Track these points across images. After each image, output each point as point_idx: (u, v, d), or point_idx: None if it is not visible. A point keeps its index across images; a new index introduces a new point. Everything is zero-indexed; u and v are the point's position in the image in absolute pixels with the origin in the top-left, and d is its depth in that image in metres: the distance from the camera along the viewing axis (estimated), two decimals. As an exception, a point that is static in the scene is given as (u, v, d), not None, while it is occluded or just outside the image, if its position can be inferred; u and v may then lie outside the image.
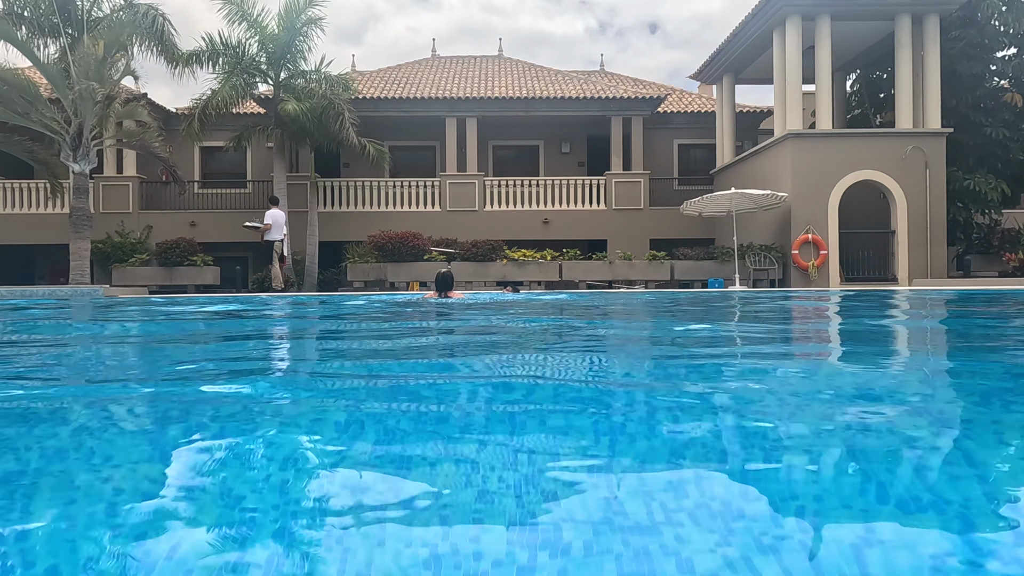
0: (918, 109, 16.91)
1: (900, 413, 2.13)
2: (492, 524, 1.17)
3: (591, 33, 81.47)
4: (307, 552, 1.06)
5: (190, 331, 6.09)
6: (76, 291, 14.15)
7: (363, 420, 2.06)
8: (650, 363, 3.56)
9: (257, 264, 21.67)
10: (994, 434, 1.86)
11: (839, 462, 1.57)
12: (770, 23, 17.54)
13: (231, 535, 1.12)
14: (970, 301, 9.50)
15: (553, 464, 1.52)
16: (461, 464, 1.53)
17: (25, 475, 1.49)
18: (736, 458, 1.58)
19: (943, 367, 3.48)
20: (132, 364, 3.78)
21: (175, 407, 2.29)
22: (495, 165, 23.71)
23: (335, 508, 1.26)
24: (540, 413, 2.15)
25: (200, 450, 1.69)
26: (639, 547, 1.04)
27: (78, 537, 1.13)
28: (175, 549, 1.05)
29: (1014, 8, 17.62)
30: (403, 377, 3.12)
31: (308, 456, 1.63)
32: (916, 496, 1.30)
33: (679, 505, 1.24)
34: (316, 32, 18.00)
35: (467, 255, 17.75)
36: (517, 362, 3.54)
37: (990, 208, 17.85)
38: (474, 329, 5.69)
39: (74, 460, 1.63)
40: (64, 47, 16.38)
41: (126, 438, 1.86)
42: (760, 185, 17.63)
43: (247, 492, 1.36)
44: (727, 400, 2.32)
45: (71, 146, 15.57)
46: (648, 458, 1.60)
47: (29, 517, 1.23)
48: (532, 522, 1.16)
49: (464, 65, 25.41)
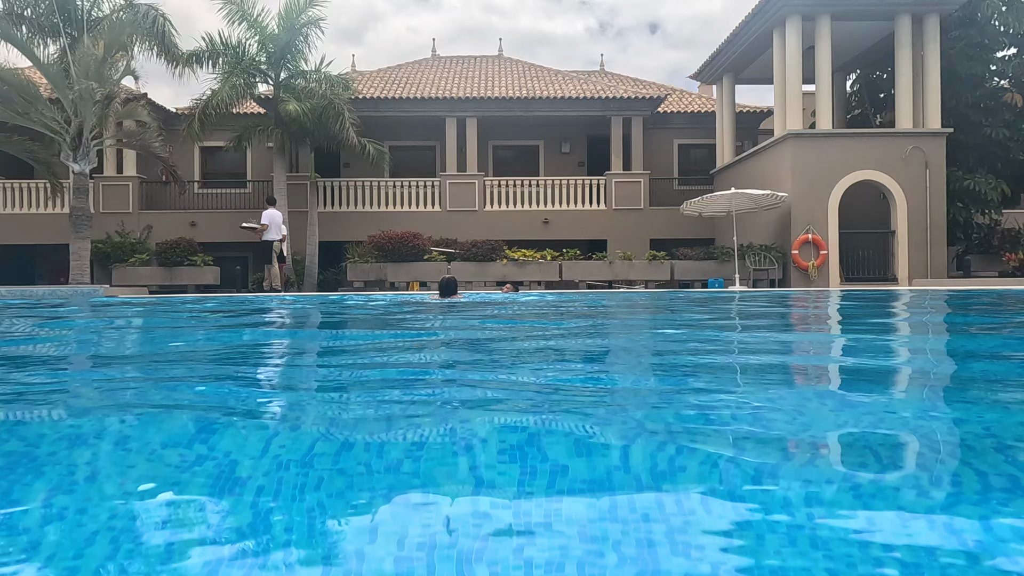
0: (918, 109, 16.91)
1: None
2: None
3: (591, 33, 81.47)
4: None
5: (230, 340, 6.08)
6: (76, 291, 14.14)
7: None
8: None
9: (257, 264, 21.67)
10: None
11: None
12: (770, 23, 17.54)
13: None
14: (1000, 302, 9.44)
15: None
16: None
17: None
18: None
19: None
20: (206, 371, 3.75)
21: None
22: (495, 165, 23.71)
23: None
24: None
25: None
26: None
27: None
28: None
29: (1014, 8, 17.62)
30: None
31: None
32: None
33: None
34: (316, 32, 18.01)
35: (467, 255, 17.74)
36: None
37: (990, 208, 17.84)
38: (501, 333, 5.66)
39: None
40: (64, 47, 16.37)
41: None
42: (760, 185, 17.63)
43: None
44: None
45: (71, 146, 15.56)
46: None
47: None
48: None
49: (464, 65, 25.41)
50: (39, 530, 1.20)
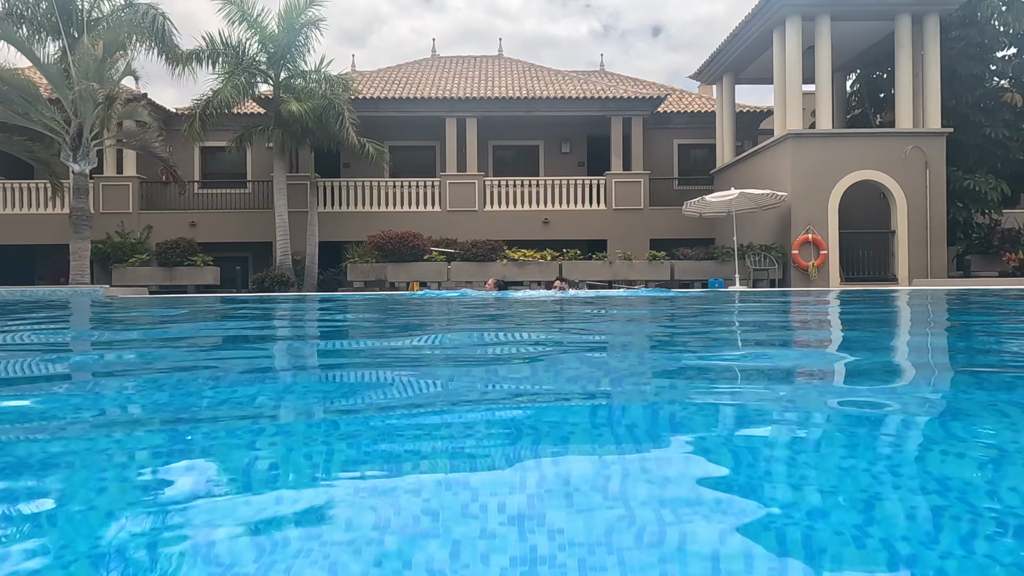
0: (918, 109, 16.91)
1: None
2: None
3: (595, 36, 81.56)
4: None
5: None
6: (76, 291, 14.15)
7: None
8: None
9: (257, 264, 21.68)
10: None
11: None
12: (770, 23, 17.54)
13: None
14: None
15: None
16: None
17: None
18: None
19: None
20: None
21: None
22: (495, 165, 23.71)
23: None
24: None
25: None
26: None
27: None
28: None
29: (1014, 8, 17.62)
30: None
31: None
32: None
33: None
34: (316, 32, 18.01)
35: (467, 255, 17.75)
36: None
37: (990, 208, 17.85)
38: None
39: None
40: (64, 47, 16.38)
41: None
42: (760, 185, 17.63)
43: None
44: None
45: (71, 146, 15.56)
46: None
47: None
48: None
49: (464, 65, 25.40)
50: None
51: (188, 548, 0.98)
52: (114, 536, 1.03)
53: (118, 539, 1.01)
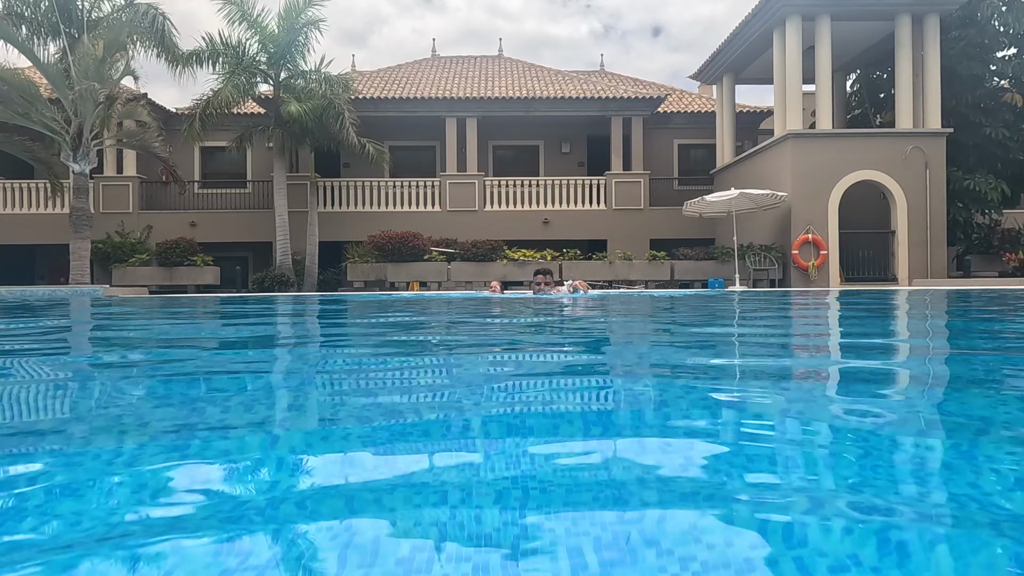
0: (918, 109, 16.91)
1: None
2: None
3: (595, 36, 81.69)
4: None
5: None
6: (76, 291, 14.15)
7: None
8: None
9: (257, 264, 21.68)
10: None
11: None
12: (770, 23, 17.54)
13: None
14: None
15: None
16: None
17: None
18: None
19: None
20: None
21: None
22: (495, 165, 23.71)
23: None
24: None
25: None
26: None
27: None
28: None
29: (1014, 8, 17.63)
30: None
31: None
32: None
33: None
34: (316, 33, 18.02)
35: (467, 255, 17.75)
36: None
37: (990, 208, 17.86)
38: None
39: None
40: (64, 47, 16.38)
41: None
42: (760, 185, 17.63)
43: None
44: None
45: (71, 146, 15.56)
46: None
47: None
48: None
49: (464, 65, 25.40)
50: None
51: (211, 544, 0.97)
52: (114, 536, 1.03)
53: (118, 538, 1.01)
